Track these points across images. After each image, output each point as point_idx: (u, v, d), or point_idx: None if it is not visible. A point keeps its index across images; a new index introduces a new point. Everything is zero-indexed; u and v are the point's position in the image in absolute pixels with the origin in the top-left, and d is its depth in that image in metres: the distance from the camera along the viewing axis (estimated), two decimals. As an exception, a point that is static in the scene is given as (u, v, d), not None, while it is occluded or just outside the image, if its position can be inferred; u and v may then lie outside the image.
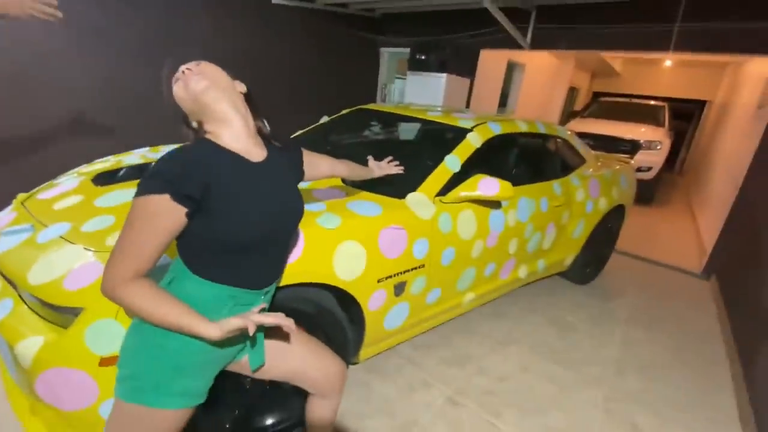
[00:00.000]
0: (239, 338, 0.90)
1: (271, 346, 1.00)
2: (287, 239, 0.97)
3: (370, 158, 1.57)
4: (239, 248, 0.83)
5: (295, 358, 1.04)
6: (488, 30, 4.32)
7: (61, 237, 1.21)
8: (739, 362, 2.19)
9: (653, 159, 5.72)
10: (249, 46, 4.23)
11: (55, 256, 1.13)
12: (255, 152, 0.90)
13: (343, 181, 1.75)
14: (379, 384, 1.80)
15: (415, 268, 1.61)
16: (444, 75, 4.27)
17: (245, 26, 4.14)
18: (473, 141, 1.95)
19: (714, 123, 7.78)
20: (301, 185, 1.58)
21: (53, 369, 1.00)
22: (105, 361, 1.01)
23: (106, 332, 1.00)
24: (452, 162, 1.84)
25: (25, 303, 1.15)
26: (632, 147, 5.76)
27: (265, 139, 0.96)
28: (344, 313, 1.46)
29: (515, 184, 2.04)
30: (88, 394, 1.03)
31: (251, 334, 0.74)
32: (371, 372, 1.86)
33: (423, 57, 4.35)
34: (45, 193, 1.56)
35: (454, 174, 1.81)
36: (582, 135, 6.02)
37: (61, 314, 1.04)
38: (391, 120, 2.60)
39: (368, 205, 1.53)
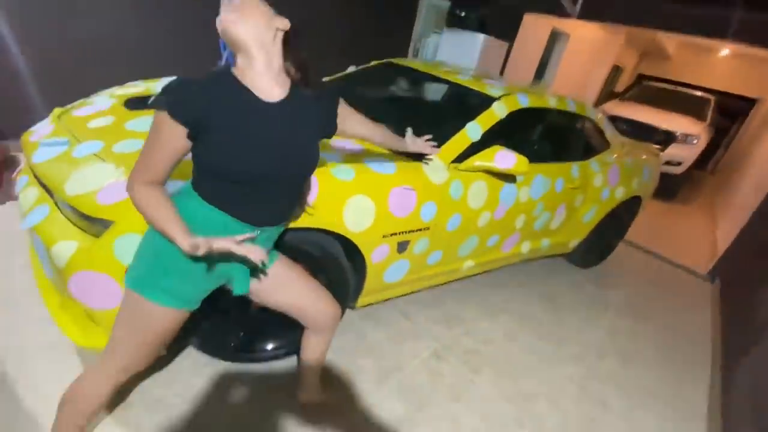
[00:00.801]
0: (226, 260, 0.97)
1: (275, 276, 1.10)
2: (292, 184, 1.01)
3: (408, 131, 1.46)
4: (233, 179, 0.89)
5: (294, 293, 1.15)
6: (537, -8, 4.06)
7: (95, 154, 1.29)
8: (720, 367, 2.25)
9: (686, 154, 5.50)
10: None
11: (90, 171, 1.22)
12: (273, 92, 0.91)
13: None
14: (372, 330, 1.93)
15: (420, 230, 1.67)
16: (482, 36, 4.07)
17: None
18: (498, 111, 1.93)
19: (760, 125, 7.33)
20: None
21: (85, 272, 1.12)
22: (130, 271, 1.13)
23: (132, 245, 1.10)
24: (473, 130, 1.83)
25: (60, 210, 1.26)
26: (666, 138, 5.51)
27: (293, 82, 0.96)
28: (348, 261, 1.56)
29: (534, 160, 2.03)
30: (113, 296, 1.15)
31: (205, 252, 0.81)
32: (367, 318, 1.99)
33: (462, 13, 4.13)
34: (80, 110, 1.63)
35: (473, 143, 1.82)
36: (616, 118, 5.78)
37: (93, 224, 1.15)
38: (418, 78, 2.55)
39: (383, 162, 1.57)
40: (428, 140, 1.51)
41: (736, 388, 1.93)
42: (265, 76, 0.89)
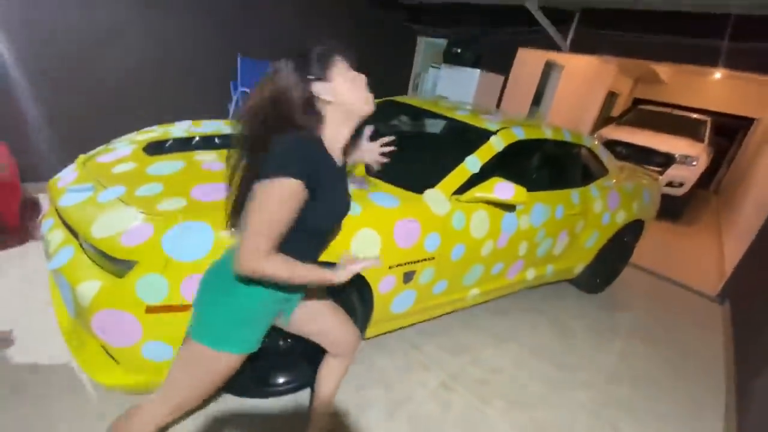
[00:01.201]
0: (285, 298, 1.04)
1: (309, 306, 1.19)
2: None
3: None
4: (314, 232, 1.00)
5: (324, 321, 1.23)
6: (527, 29, 4.27)
7: (119, 199, 1.38)
8: (735, 392, 2.22)
9: (686, 175, 5.55)
10: (291, 26, 4.34)
11: (114, 214, 1.31)
12: (340, 158, 1.01)
13: (367, 172, 1.86)
14: (381, 361, 1.95)
15: (425, 260, 1.73)
16: (477, 71, 4.27)
17: (288, 7, 4.24)
18: (495, 144, 2.03)
19: (758, 143, 7.42)
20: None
21: (108, 310, 1.19)
22: (150, 309, 1.19)
23: (154, 285, 1.18)
24: (472, 163, 1.92)
25: (85, 252, 1.33)
26: (666, 160, 5.59)
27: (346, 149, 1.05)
28: (356, 292, 1.61)
29: (533, 189, 2.12)
30: (134, 334, 1.21)
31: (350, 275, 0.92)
32: (375, 349, 2.01)
33: (458, 51, 4.36)
34: (103, 156, 1.75)
35: (473, 175, 1.90)
36: (615, 143, 5.89)
37: (116, 265, 1.22)
38: (418, 115, 2.68)
39: (387, 197, 1.65)
40: (383, 145, 1.34)
41: (752, 411, 1.89)
42: (341, 144, 1.00)
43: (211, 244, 1.24)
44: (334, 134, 0.97)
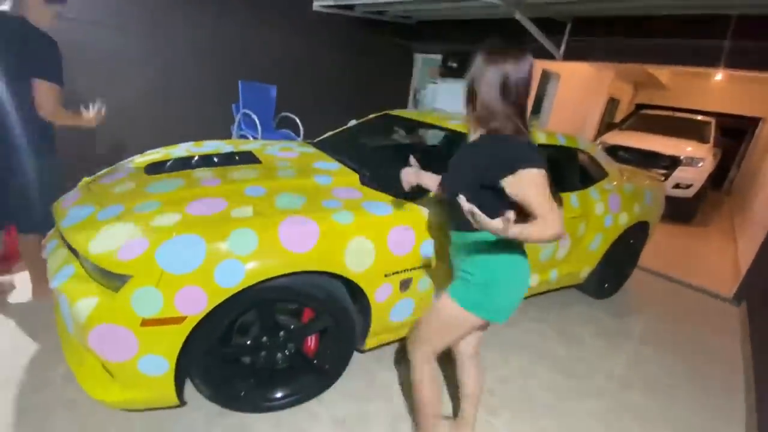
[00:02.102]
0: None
1: None
2: None
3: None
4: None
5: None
6: (520, 40, 4.35)
7: (117, 216, 1.42)
8: (755, 397, 2.12)
9: (693, 176, 5.48)
10: (290, 49, 4.49)
11: (111, 231, 1.34)
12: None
13: (361, 182, 1.89)
14: (383, 373, 1.92)
15: (422, 267, 1.72)
16: (474, 83, 4.34)
17: (289, 31, 4.40)
18: (488, 150, 2.04)
19: (766, 142, 7.31)
20: (324, 184, 1.75)
21: (104, 325, 1.20)
22: (146, 322, 1.20)
23: (148, 297, 1.20)
24: (465, 169, 1.93)
25: (84, 269, 1.37)
26: (671, 163, 5.54)
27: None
28: (353, 302, 1.60)
29: (528, 193, 2.11)
30: (130, 349, 1.22)
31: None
32: (377, 361, 1.99)
33: (454, 64, 4.44)
34: (105, 178, 1.81)
35: (467, 181, 1.90)
36: (618, 148, 5.87)
37: (113, 280, 1.25)
38: (412, 126, 2.72)
39: (381, 205, 1.66)
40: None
41: (775, 417, 1.80)
42: None
43: (203, 256, 1.26)
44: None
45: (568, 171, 2.65)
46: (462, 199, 1.01)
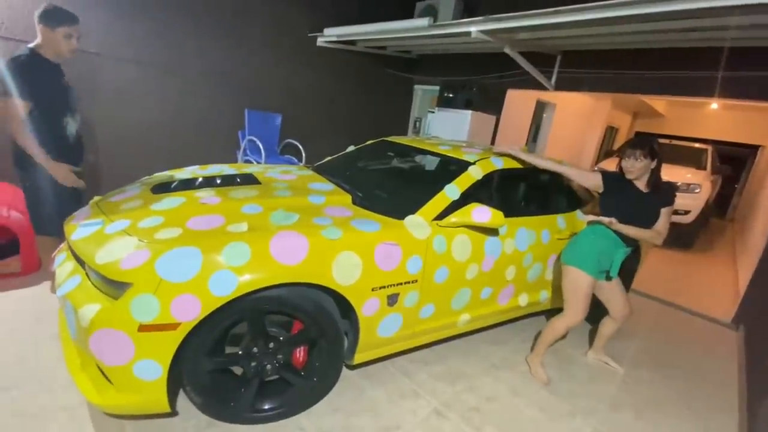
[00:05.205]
0: (609, 253, 2.05)
1: (608, 282, 2.17)
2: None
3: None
4: None
5: (612, 292, 2.23)
6: (513, 72, 4.57)
7: (123, 230, 1.54)
8: (746, 413, 2.11)
9: (691, 203, 5.54)
10: (296, 80, 4.75)
11: (117, 243, 1.45)
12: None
13: (353, 201, 2.00)
14: (371, 388, 1.96)
15: (408, 282, 1.80)
16: (469, 112, 4.53)
17: (294, 64, 4.68)
18: (474, 173, 2.15)
19: (765, 169, 7.36)
20: (317, 203, 1.86)
21: (105, 329, 1.29)
22: (143, 328, 1.29)
23: (146, 304, 1.29)
24: (452, 191, 2.04)
25: (90, 279, 1.47)
26: (668, 189, 5.62)
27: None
28: (341, 316, 1.67)
29: (516, 215, 2.21)
30: (127, 353, 1.30)
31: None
32: (365, 377, 2.02)
33: (451, 95, 4.65)
34: (115, 197, 1.94)
35: (453, 201, 2.01)
36: (615, 174, 5.95)
37: (115, 288, 1.34)
38: (407, 151, 2.87)
39: (369, 222, 1.76)
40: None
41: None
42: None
43: (199, 267, 1.35)
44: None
45: (554, 193, 2.75)
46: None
